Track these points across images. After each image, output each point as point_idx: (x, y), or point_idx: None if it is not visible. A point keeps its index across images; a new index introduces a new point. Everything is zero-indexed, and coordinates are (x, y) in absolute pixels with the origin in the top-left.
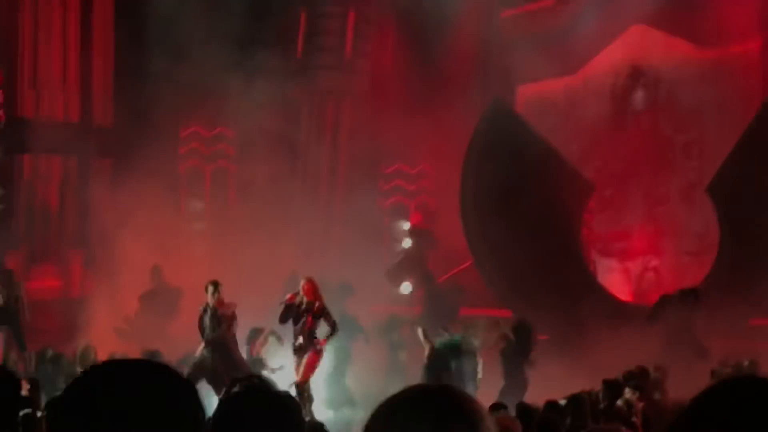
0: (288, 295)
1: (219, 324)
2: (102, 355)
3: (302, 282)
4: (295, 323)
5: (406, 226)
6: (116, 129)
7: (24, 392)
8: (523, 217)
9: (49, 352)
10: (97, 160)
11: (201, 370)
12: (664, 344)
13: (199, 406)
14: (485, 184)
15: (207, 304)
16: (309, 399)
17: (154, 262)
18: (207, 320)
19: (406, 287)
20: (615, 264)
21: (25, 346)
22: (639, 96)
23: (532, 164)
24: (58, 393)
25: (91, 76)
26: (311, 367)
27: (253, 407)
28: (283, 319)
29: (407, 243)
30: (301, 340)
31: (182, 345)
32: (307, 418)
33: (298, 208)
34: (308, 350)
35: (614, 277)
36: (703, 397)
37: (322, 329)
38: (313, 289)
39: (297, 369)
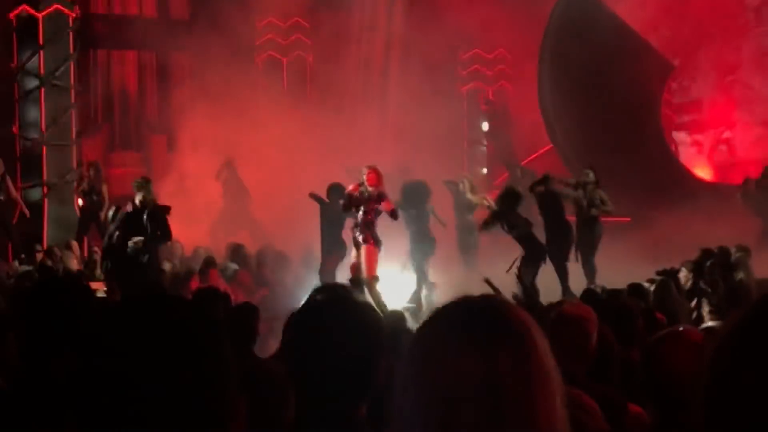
0: (351, 186)
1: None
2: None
3: (365, 171)
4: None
5: (485, 126)
6: (192, 22)
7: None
8: (601, 98)
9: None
10: (175, 54)
11: None
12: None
13: (222, 344)
14: (562, 67)
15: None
16: (377, 294)
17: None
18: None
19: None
20: (685, 137)
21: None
22: None
23: (609, 45)
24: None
25: None
26: (373, 260)
27: (334, 317)
28: (346, 208)
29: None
30: (358, 232)
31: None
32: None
33: (373, 96)
34: (367, 242)
35: (686, 151)
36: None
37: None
38: (377, 177)
39: (361, 265)
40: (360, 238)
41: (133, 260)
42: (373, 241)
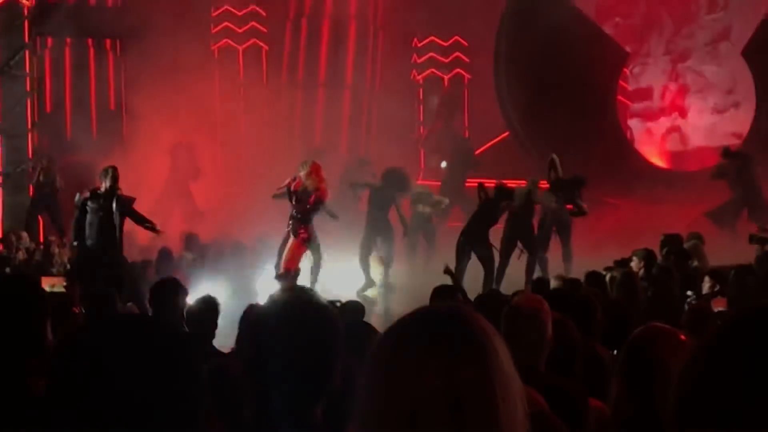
0: (287, 181)
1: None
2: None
3: (308, 165)
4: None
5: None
6: (149, 10)
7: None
8: (558, 86)
9: None
10: (130, 41)
11: None
12: (702, 210)
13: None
14: (518, 55)
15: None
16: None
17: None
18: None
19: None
20: (637, 124)
21: (63, 231)
22: None
23: (565, 33)
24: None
25: None
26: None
27: (292, 317)
28: (277, 196)
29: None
30: (293, 224)
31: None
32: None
33: (329, 84)
34: (299, 236)
35: (639, 139)
36: (723, 331)
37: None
38: (317, 172)
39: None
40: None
41: (96, 255)
42: (303, 237)
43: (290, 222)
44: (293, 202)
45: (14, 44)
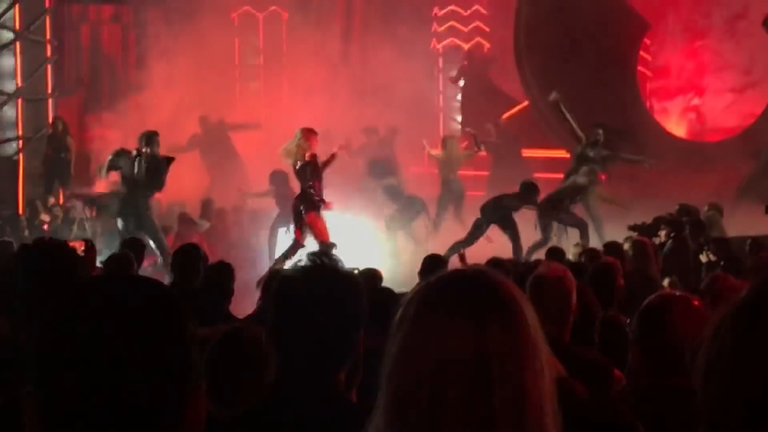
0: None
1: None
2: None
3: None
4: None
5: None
6: None
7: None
8: (578, 55)
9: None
10: (150, 8)
11: None
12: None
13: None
14: (539, 24)
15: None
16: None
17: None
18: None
19: None
20: (653, 104)
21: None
22: None
23: (584, 3)
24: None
25: None
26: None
27: (315, 284)
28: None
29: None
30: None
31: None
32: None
33: (348, 52)
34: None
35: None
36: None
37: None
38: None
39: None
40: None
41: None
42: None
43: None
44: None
45: (35, 8)
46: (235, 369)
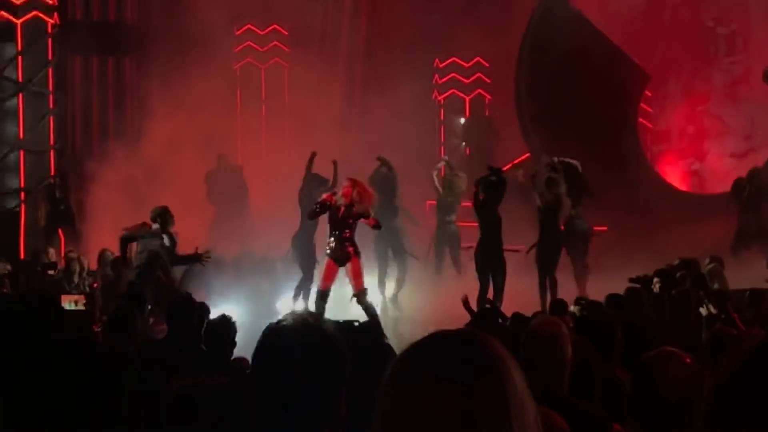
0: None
1: None
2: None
3: (344, 183)
4: (335, 227)
5: (462, 120)
6: (171, 29)
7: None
8: (579, 107)
9: (107, 255)
10: (152, 60)
11: None
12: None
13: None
14: (539, 76)
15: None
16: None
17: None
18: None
19: None
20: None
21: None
22: None
23: (586, 53)
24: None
25: None
26: (361, 273)
27: (299, 344)
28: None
29: None
30: (334, 243)
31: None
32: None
33: (350, 104)
34: (350, 257)
35: None
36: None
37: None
38: (352, 191)
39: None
40: (341, 253)
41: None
42: (356, 254)
43: (333, 244)
44: (338, 220)
45: (38, 61)
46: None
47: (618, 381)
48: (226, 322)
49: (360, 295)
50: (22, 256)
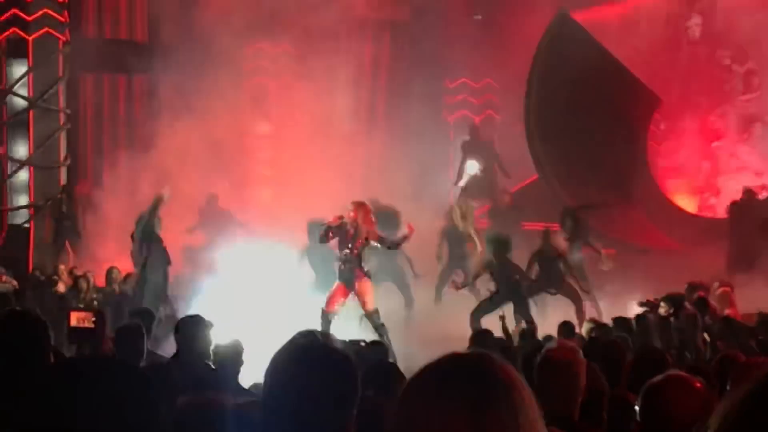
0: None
1: None
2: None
3: (350, 207)
4: (342, 248)
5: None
6: (182, 47)
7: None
8: (589, 130)
9: (116, 272)
10: (165, 78)
11: None
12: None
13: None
14: (549, 97)
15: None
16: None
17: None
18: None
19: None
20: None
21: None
22: (694, 23)
23: (596, 75)
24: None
25: None
26: (369, 292)
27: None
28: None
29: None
30: (343, 266)
31: None
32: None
33: (359, 124)
34: (360, 278)
35: None
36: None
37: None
38: (357, 213)
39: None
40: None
41: None
42: (365, 275)
43: (342, 266)
44: (346, 245)
45: (49, 77)
46: None
47: (629, 404)
48: (233, 347)
49: (371, 315)
50: (30, 271)
